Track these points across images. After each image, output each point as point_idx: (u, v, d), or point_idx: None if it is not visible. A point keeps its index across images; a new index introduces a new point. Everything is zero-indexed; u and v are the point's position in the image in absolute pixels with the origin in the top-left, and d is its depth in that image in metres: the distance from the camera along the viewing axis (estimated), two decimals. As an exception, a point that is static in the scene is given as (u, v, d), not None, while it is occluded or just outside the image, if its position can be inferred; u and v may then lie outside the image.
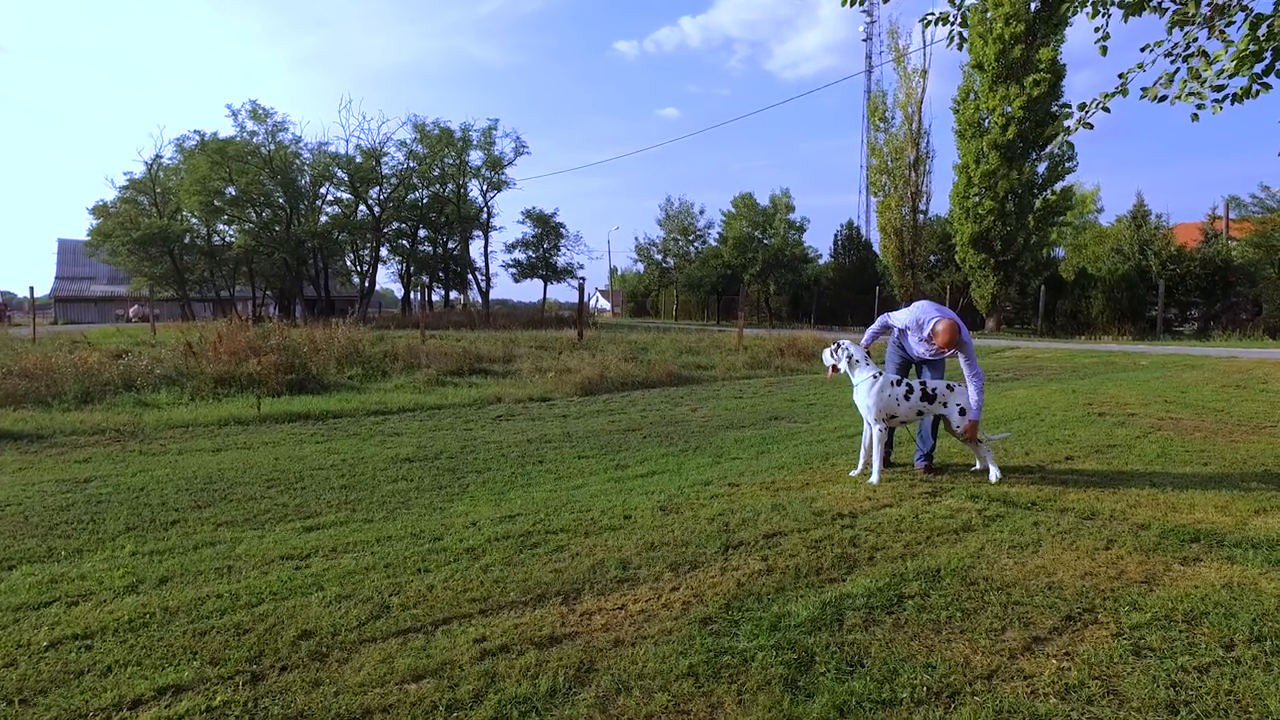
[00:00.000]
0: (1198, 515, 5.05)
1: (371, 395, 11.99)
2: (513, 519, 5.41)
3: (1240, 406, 9.82)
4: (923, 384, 6.16)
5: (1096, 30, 3.97)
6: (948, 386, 6.17)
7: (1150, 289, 28.31)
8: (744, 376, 14.77)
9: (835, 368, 6.42)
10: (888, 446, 6.59)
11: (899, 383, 6.15)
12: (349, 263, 46.40)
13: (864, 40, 59.36)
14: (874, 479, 6.03)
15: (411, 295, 46.51)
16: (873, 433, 6.13)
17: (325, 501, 6.10)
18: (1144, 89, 3.77)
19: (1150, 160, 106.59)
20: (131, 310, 54.34)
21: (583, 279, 24.47)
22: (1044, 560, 4.23)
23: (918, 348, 6.37)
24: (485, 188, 41.10)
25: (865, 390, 6.15)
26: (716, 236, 51.08)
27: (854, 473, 6.33)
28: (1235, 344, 22.00)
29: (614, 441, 8.45)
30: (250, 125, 32.43)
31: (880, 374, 6.17)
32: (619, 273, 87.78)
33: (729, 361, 15.90)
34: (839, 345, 6.32)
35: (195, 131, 32.70)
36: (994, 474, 6.04)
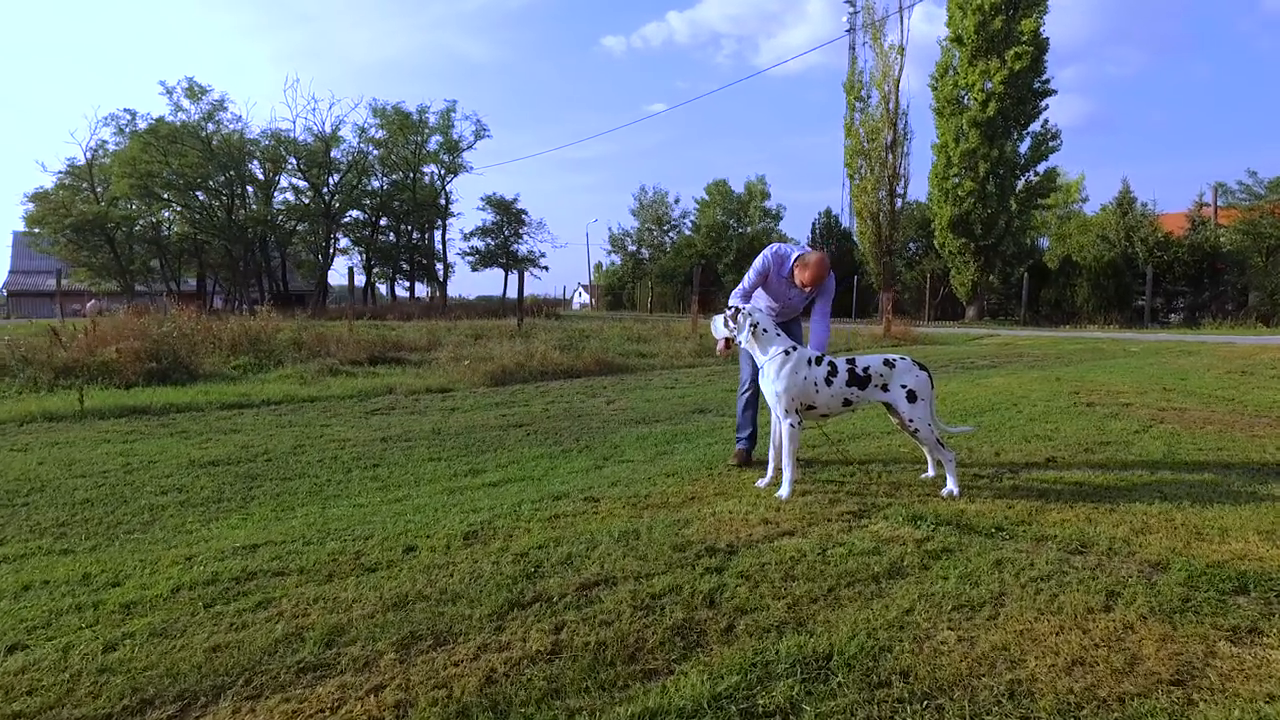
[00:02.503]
0: (1235, 546, 3.43)
1: (244, 386, 10.26)
2: (253, 550, 3.77)
3: (1253, 395, 8.25)
4: (851, 363, 4.52)
5: None
6: (885, 363, 4.53)
7: (1137, 277, 26.89)
8: (687, 365, 13.12)
9: (730, 341, 4.78)
10: (749, 438, 5.41)
11: (818, 361, 4.51)
12: (312, 253, 44.34)
13: (847, 31, 57.73)
14: (784, 491, 4.38)
15: (378, 286, 44.55)
16: (783, 429, 4.49)
17: (33, 523, 4.47)
18: None
19: (1133, 155, 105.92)
20: (89, 305, 52.11)
21: (523, 267, 22.84)
22: (1006, 634, 2.59)
23: (770, 301, 5.21)
24: (443, 172, 39.13)
25: (774, 371, 4.51)
26: (691, 226, 49.39)
27: (761, 483, 4.68)
28: (1228, 331, 20.58)
29: (487, 440, 6.79)
30: (186, 104, 30.43)
31: (795, 349, 4.53)
32: (604, 268, 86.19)
33: (674, 349, 14.25)
34: (739, 310, 4.66)
35: (126, 110, 30.65)
36: (951, 486, 4.40)
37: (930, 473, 4.82)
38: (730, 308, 4.72)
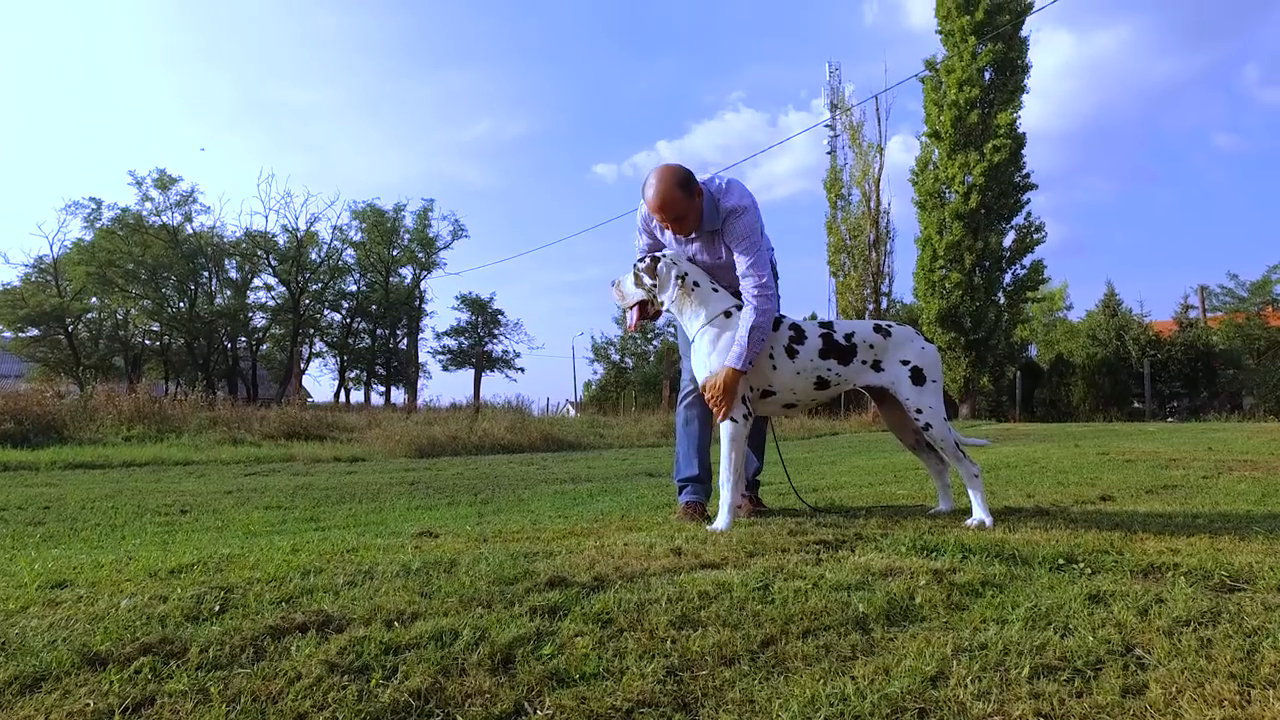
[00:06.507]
0: None
1: (112, 450, 8.62)
2: None
3: (1319, 458, 6.77)
4: (827, 327, 3.09)
5: None
6: (878, 330, 3.10)
7: (1133, 376, 25.78)
8: (650, 445, 11.56)
9: (643, 308, 3.28)
10: (698, 483, 3.38)
11: (774, 323, 3.06)
12: (283, 354, 42.92)
13: (828, 153, 59.20)
14: (719, 522, 2.85)
15: (353, 393, 42.88)
16: (723, 433, 2.99)
17: None
18: None
19: (1111, 273, 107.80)
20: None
21: (479, 356, 21.68)
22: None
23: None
24: (417, 270, 38.23)
25: (709, 341, 3.05)
26: (674, 333, 48.60)
27: (719, 524, 3.11)
28: (1238, 423, 19.23)
29: (359, 494, 5.23)
30: (155, 194, 29.77)
31: (738, 309, 3.09)
32: (591, 385, 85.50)
33: (638, 430, 12.73)
34: (657, 258, 3.20)
35: (91, 199, 29.88)
36: (981, 514, 2.90)
37: (942, 505, 3.30)
38: (645, 257, 3.25)
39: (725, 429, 2.94)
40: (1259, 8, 70.42)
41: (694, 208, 3.09)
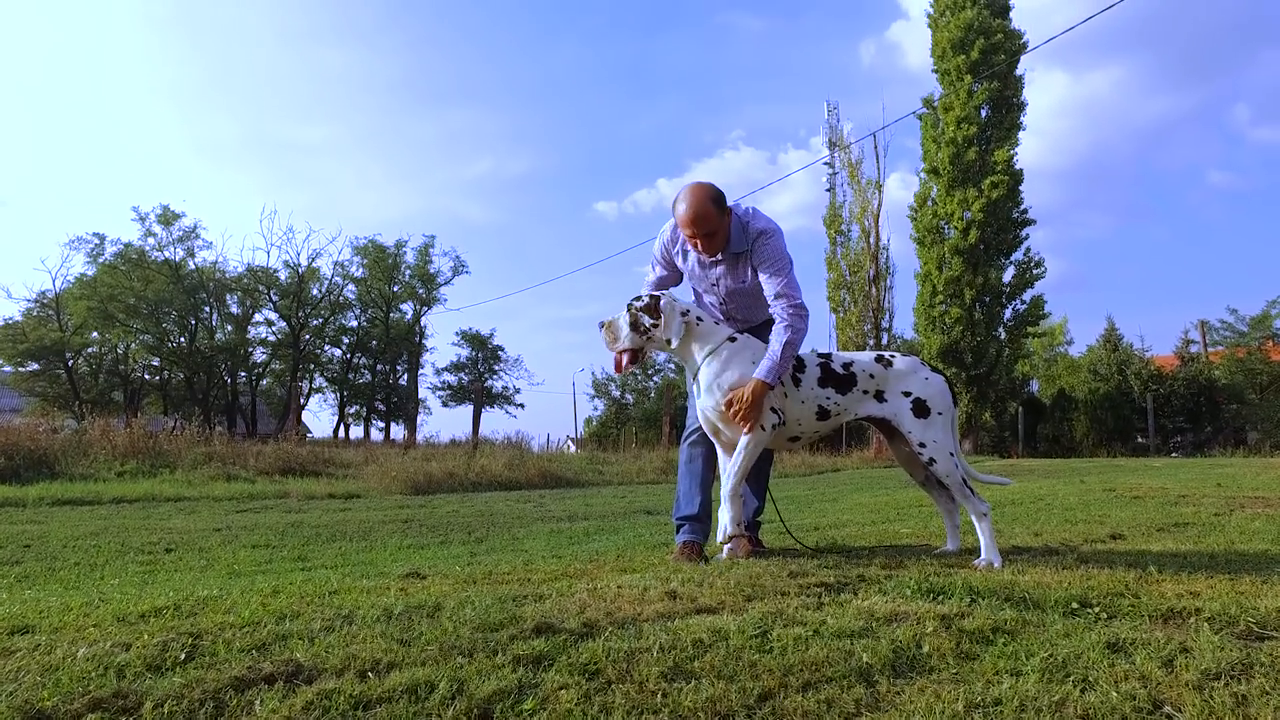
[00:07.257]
0: None
1: (103, 486, 8.50)
2: None
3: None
4: (825, 358, 3.02)
5: None
6: (879, 360, 3.03)
7: (1136, 411, 25.64)
8: (650, 480, 11.42)
9: (634, 355, 3.13)
10: (697, 522, 3.24)
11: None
12: (283, 389, 42.85)
13: (827, 190, 59.65)
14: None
15: (353, 428, 42.66)
16: (736, 462, 2.89)
17: None
18: None
19: (1110, 308, 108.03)
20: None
21: (478, 390, 21.60)
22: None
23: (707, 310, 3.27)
24: (418, 306, 38.33)
25: (713, 374, 2.97)
26: (675, 368, 48.58)
27: (725, 552, 3.03)
28: (1244, 458, 19.03)
29: (351, 532, 5.13)
30: (158, 229, 29.98)
31: (739, 337, 3.02)
32: (593, 422, 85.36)
33: (638, 467, 12.58)
34: (657, 298, 3.09)
35: (95, 234, 30.12)
36: (990, 555, 2.80)
37: (950, 545, 3.20)
38: (642, 296, 3.15)
39: (746, 442, 2.84)
40: (1246, 50, 71.59)
41: (723, 226, 3.07)
